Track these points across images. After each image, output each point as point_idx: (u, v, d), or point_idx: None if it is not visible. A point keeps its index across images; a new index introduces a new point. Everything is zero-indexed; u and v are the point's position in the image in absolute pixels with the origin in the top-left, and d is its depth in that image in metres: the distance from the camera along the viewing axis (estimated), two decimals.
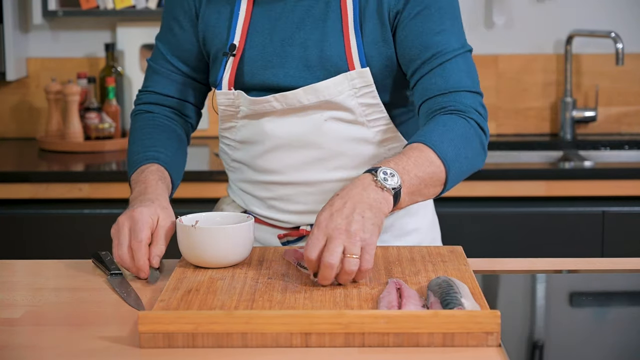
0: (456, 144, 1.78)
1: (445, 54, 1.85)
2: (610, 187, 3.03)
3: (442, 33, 1.87)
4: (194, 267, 1.71)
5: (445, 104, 1.84)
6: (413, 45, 1.86)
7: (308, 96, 1.87)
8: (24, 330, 1.51)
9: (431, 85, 1.85)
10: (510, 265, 1.86)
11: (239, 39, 1.91)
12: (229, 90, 1.91)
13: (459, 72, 1.86)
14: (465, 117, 1.82)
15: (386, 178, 1.65)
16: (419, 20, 1.86)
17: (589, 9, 3.59)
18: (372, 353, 1.40)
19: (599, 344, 1.51)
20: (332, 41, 1.87)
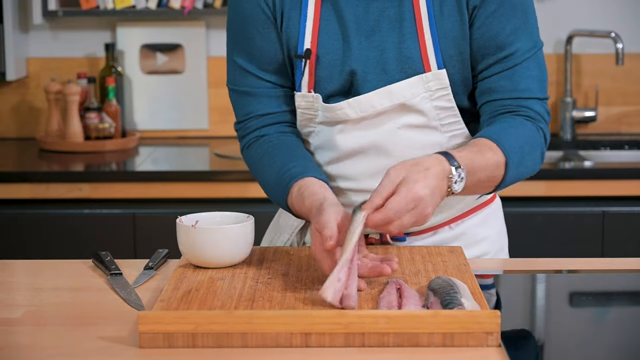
0: (524, 151, 1.79)
1: (517, 56, 1.83)
2: (610, 187, 3.03)
3: (516, 32, 1.83)
4: (194, 267, 1.71)
5: (514, 108, 1.84)
6: (487, 44, 1.83)
7: (381, 100, 1.82)
8: (24, 330, 1.51)
9: (500, 87, 1.84)
10: (510, 265, 1.86)
11: (311, 43, 1.85)
12: (309, 92, 1.86)
13: (530, 77, 1.84)
14: (536, 125, 1.83)
15: (457, 181, 1.67)
16: (495, 18, 1.82)
17: (589, 9, 3.59)
18: (372, 353, 1.40)
19: (599, 344, 1.51)
20: (409, 43, 1.82)
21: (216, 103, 3.62)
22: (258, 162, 1.91)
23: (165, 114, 3.67)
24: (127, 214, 3.03)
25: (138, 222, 3.02)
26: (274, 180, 1.86)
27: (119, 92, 3.55)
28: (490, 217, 1.99)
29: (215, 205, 3.03)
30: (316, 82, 1.86)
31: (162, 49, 3.64)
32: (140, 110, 3.66)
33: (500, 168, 1.75)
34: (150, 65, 3.65)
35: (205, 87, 3.63)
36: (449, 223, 1.92)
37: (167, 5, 3.52)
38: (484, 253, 1.96)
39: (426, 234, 1.91)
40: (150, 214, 3.03)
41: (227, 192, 3.05)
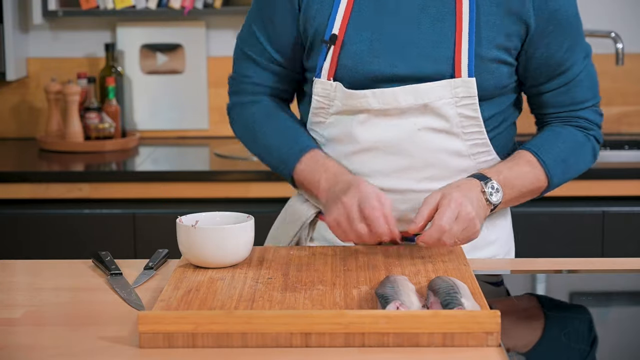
0: (567, 159, 1.92)
1: (573, 72, 1.91)
2: (610, 187, 3.03)
3: (572, 49, 1.90)
4: (194, 267, 1.71)
5: (568, 120, 1.93)
6: (545, 62, 1.88)
7: (406, 96, 1.82)
8: (24, 330, 1.51)
9: (557, 102, 1.93)
10: (510, 265, 1.86)
11: (339, 29, 1.85)
12: (328, 80, 1.86)
13: (584, 89, 1.93)
14: (587, 133, 1.94)
15: (492, 193, 1.80)
16: (553, 38, 1.87)
17: (589, 9, 3.59)
18: (372, 353, 1.40)
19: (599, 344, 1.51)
20: (444, 44, 1.81)
21: (216, 103, 3.62)
22: (260, 124, 1.96)
23: (165, 114, 3.67)
24: (127, 214, 3.03)
25: (138, 222, 3.02)
26: (280, 143, 1.91)
27: (119, 92, 3.55)
28: (499, 220, 1.99)
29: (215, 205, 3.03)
30: (338, 70, 1.86)
31: (162, 49, 3.64)
32: (140, 110, 3.66)
33: (541, 180, 1.88)
34: (150, 65, 3.65)
35: (205, 87, 3.63)
36: None
37: (167, 5, 3.52)
38: (493, 255, 1.96)
39: None
40: (150, 214, 3.03)
41: (227, 192, 3.05)
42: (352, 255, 1.78)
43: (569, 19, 1.88)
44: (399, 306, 1.45)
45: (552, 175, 1.89)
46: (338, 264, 1.73)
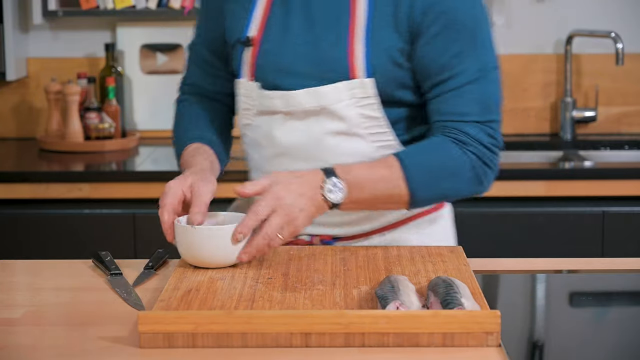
0: (435, 172, 1.80)
1: (459, 79, 1.82)
2: (610, 187, 3.03)
3: (461, 55, 1.81)
4: (194, 267, 1.71)
5: (447, 131, 1.82)
6: (429, 64, 1.81)
7: (309, 99, 1.83)
8: (24, 330, 1.51)
9: (438, 109, 1.83)
10: (510, 265, 1.86)
11: (257, 31, 1.88)
12: (249, 81, 1.90)
13: (470, 101, 1.83)
14: (464, 149, 1.82)
15: (331, 190, 1.73)
16: (438, 40, 1.80)
17: (589, 9, 3.59)
18: (372, 353, 1.40)
19: (599, 344, 1.51)
20: (340, 44, 1.82)
21: None
22: (178, 117, 2.06)
23: (165, 114, 3.65)
24: (127, 214, 3.03)
25: (138, 222, 3.02)
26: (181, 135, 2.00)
27: (119, 92, 3.55)
28: (427, 224, 1.97)
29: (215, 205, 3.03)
30: (256, 71, 1.89)
31: (162, 49, 3.64)
32: (140, 110, 3.66)
33: (401, 187, 1.77)
34: (150, 65, 3.65)
35: None
36: (381, 231, 1.94)
37: (167, 5, 3.52)
38: None
39: (357, 239, 1.93)
40: (150, 214, 3.03)
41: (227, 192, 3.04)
42: (352, 255, 1.78)
43: (462, 23, 1.81)
44: (399, 306, 1.45)
45: (414, 183, 1.78)
46: (338, 264, 1.73)
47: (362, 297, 1.56)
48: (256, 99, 1.89)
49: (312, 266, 1.72)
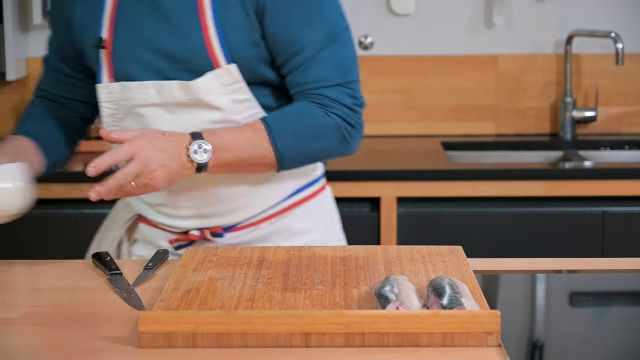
0: (300, 134, 1.87)
1: (311, 48, 1.87)
2: (610, 187, 3.03)
3: (309, 24, 1.87)
4: (194, 267, 1.71)
5: (311, 97, 1.88)
6: (281, 40, 1.86)
7: (181, 92, 1.85)
8: (24, 330, 1.51)
9: (299, 81, 1.89)
10: (510, 265, 1.86)
11: (107, 32, 1.90)
12: (110, 82, 1.90)
13: (326, 66, 1.88)
14: (328, 112, 1.88)
15: (197, 151, 1.78)
16: (284, 14, 1.85)
17: (589, 9, 3.59)
18: (372, 353, 1.40)
19: (599, 344, 1.51)
20: (194, 36, 1.85)
21: None
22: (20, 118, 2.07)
23: None
24: None
25: None
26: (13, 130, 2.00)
27: None
28: (313, 209, 2.03)
29: None
30: (115, 71, 1.90)
31: None
32: None
33: (266, 148, 1.84)
34: None
35: None
36: (269, 218, 1.97)
37: None
38: (307, 243, 2.00)
39: (246, 229, 1.96)
40: None
41: None
42: (352, 255, 1.78)
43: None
44: (399, 306, 1.45)
45: (279, 145, 1.85)
46: (338, 264, 1.73)
47: (362, 297, 1.56)
48: (122, 99, 1.90)
49: (312, 266, 1.72)
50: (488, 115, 3.62)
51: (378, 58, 3.57)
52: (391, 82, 3.58)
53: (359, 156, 3.37)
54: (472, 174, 3.02)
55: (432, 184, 3.01)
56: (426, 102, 3.61)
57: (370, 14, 3.57)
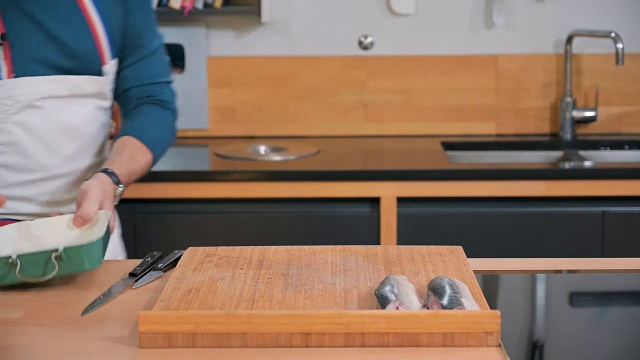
0: (163, 137, 2.17)
1: (151, 46, 2.13)
2: (610, 187, 3.03)
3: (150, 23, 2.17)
4: (194, 267, 1.71)
5: (146, 93, 2.15)
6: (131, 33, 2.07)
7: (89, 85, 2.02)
8: (24, 330, 1.51)
9: (137, 75, 2.13)
10: (510, 265, 1.86)
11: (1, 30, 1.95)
12: (9, 78, 1.95)
13: (159, 65, 2.17)
14: (167, 108, 2.18)
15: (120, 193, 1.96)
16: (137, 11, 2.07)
17: (589, 9, 3.59)
18: (372, 353, 1.40)
19: (599, 344, 1.51)
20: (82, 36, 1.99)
21: (216, 103, 3.62)
22: None
23: None
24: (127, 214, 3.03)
25: (138, 222, 3.02)
26: None
27: None
28: None
29: (216, 205, 3.03)
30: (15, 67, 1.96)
31: None
32: None
33: (149, 162, 2.11)
34: None
35: (205, 87, 3.63)
36: None
37: (167, 5, 3.52)
38: None
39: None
40: (150, 214, 3.03)
41: (227, 192, 3.04)
42: (352, 255, 1.78)
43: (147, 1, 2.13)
44: (398, 306, 1.45)
45: (157, 155, 2.13)
46: (338, 264, 1.73)
47: (362, 297, 1.56)
48: (23, 93, 1.96)
49: (312, 266, 1.72)
50: (488, 115, 3.62)
51: (378, 58, 3.57)
52: (391, 82, 3.59)
53: (359, 156, 3.39)
54: (472, 174, 3.02)
55: (432, 184, 3.01)
56: (426, 102, 3.61)
57: (370, 14, 3.57)
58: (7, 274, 1.64)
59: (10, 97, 1.96)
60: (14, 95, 1.96)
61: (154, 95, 2.17)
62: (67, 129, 2.03)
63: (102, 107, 2.10)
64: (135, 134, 2.10)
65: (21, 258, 1.64)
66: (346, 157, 3.31)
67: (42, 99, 1.98)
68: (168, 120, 2.19)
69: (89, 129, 2.08)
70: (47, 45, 1.97)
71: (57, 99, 1.99)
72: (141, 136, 2.10)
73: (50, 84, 1.97)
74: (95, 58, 2.02)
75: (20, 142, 1.99)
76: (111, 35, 2.04)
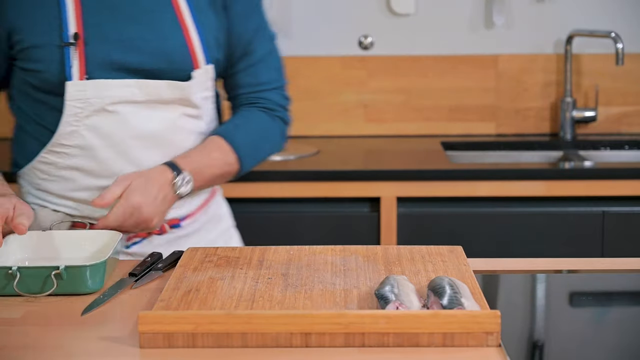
0: (256, 142, 2.04)
1: (260, 52, 2.03)
2: (610, 187, 3.03)
3: (259, 29, 2.02)
4: (194, 267, 1.71)
5: (254, 100, 2.05)
6: (237, 40, 1.99)
7: (170, 91, 1.91)
8: (24, 330, 1.51)
9: (245, 83, 2.03)
10: (510, 265, 1.86)
11: (77, 28, 1.88)
12: (81, 80, 1.88)
13: (270, 70, 2.06)
14: (272, 115, 2.05)
15: (182, 185, 1.88)
16: (243, 17, 1.99)
17: (589, 9, 3.59)
18: (372, 353, 1.40)
19: (599, 344, 1.51)
20: (173, 38, 1.91)
21: None
22: None
23: None
24: None
25: None
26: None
27: None
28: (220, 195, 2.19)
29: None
30: (89, 69, 1.88)
31: None
32: None
33: (232, 164, 1.99)
34: None
35: None
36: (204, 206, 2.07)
37: None
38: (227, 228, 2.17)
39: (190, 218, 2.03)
40: None
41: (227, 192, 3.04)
42: (352, 255, 1.78)
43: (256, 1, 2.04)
44: (398, 306, 1.45)
45: (243, 158, 2.00)
46: (338, 264, 1.73)
47: (362, 297, 1.56)
48: (94, 96, 1.88)
49: (312, 266, 1.72)
50: (488, 115, 3.62)
51: (378, 58, 3.57)
52: (391, 82, 3.59)
53: (359, 156, 3.39)
54: (472, 174, 3.02)
55: (432, 184, 3.01)
56: (426, 102, 3.61)
57: (370, 14, 3.57)
58: (7, 285, 1.63)
59: (81, 99, 1.88)
60: (86, 98, 1.88)
61: (260, 101, 2.05)
62: (144, 137, 1.91)
63: (191, 115, 1.97)
64: (223, 133, 1.99)
65: (21, 271, 1.63)
66: (346, 157, 3.31)
67: (116, 104, 1.89)
68: (270, 127, 2.06)
69: (173, 138, 1.94)
70: (126, 46, 1.88)
71: (132, 104, 1.90)
72: (230, 137, 1.98)
73: (124, 88, 1.88)
74: (185, 61, 1.92)
75: (93, 147, 1.90)
76: (205, 39, 1.94)
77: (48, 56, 1.88)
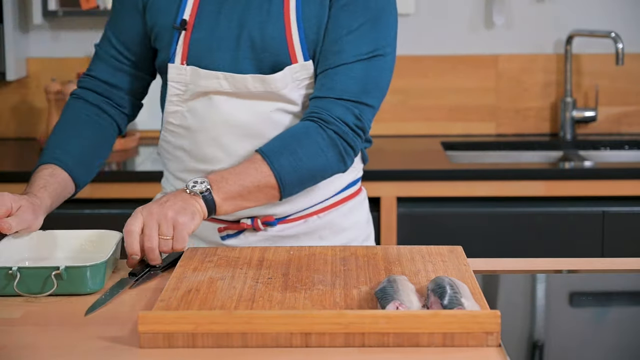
0: (298, 157, 1.84)
1: (346, 56, 1.87)
2: (610, 187, 3.03)
3: (357, 32, 1.88)
4: (194, 267, 1.71)
5: (315, 109, 1.88)
6: (327, 36, 1.88)
7: (255, 84, 1.90)
8: (24, 330, 1.51)
9: (320, 85, 1.90)
10: (510, 265, 1.86)
11: (189, 15, 1.92)
12: (182, 65, 1.93)
13: (351, 79, 1.87)
14: (325, 127, 1.86)
15: (194, 185, 1.77)
16: (343, 12, 1.87)
17: (589, 9, 3.59)
18: (372, 353, 1.40)
19: (599, 344, 1.51)
20: (274, 29, 1.88)
21: None
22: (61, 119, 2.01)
23: None
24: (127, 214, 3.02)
25: None
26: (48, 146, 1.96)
27: None
28: (355, 208, 2.08)
29: None
30: (190, 55, 1.92)
31: None
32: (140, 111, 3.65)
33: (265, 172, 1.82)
34: None
35: None
36: (317, 213, 2.01)
37: None
38: (351, 239, 2.06)
39: (297, 221, 2.00)
40: None
41: None
42: (352, 255, 1.78)
43: (368, 3, 1.87)
44: (398, 306, 1.45)
45: (277, 166, 1.83)
46: (338, 264, 1.73)
47: (362, 297, 1.56)
48: (190, 82, 1.92)
49: (312, 266, 1.72)
50: (488, 115, 3.62)
51: None
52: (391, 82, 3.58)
53: None
54: (472, 174, 3.02)
55: (432, 184, 3.01)
56: (426, 102, 3.61)
57: None
58: (7, 285, 1.63)
59: (181, 82, 1.93)
60: (185, 82, 1.93)
61: (320, 112, 1.87)
62: (235, 126, 1.91)
63: (288, 111, 1.92)
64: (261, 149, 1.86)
65: (22, 271, 1.63)
66: None
67: (208, 92, 1.92)
68: (307, 132, 1.86)
69: (267, 131, 1.90)
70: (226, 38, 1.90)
71: (223, 94, 1.92)
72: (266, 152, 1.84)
73: (213, 80, 1.90)
74: (281, 54, 1.88)
75: (192, 129, 1.95)
76: (304, 33, 1.88)
77: (162, 37, 1.94)
